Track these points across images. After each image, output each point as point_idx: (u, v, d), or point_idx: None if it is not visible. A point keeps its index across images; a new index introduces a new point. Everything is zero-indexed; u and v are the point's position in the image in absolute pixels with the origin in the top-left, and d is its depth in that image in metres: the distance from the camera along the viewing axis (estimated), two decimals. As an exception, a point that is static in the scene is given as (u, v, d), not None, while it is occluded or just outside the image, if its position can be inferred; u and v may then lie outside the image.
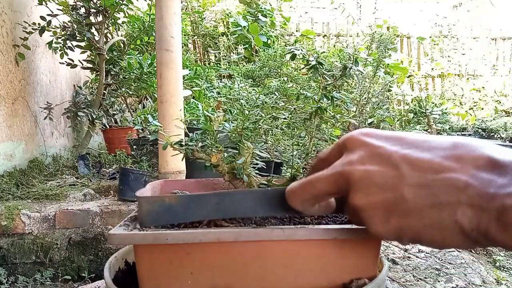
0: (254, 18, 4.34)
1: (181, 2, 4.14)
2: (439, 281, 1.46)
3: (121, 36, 3.38)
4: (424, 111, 3.33)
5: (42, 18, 2.68)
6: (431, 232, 0.33)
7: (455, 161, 0.33)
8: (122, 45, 3.29)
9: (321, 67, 0.60)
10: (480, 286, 1.44)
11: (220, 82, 3.36)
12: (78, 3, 2.79)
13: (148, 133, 2.59)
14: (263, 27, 4.32)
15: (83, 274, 1.90)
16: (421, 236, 0.34)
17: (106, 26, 2.97)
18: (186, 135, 0.66)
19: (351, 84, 2.48)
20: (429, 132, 2.83)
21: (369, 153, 0.36)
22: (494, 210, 0.30)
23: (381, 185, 0.34)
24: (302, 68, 2.97)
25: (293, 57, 0.60)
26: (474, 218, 0.31)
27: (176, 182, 0.70)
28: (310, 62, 0.60)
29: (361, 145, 0.37)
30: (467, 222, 0.31)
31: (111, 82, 3.20)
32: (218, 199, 0.45)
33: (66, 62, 2.97)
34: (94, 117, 3.07)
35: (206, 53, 5.25)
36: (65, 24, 2.80)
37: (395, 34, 5.89)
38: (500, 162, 0.32)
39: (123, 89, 3.26)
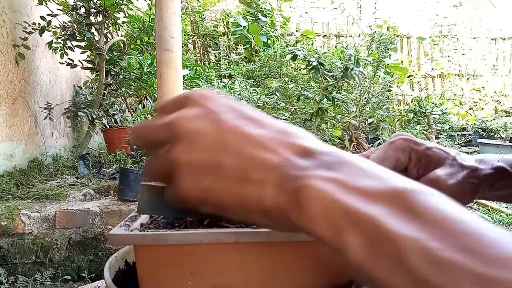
0: (254, 18, 4.34)
1: (181, 2, 4.14)
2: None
3: (121, 36, 3.38)
4: (424, 111, 3.33)
5: (42, 18, 2.68)
6: (235, 202, 0.34)
7: (276, 143, 0.35)
8: (122, 45, 3.29)
9: (322, 68, 0.60)
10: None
11: (220, 82, 3.36)
12: (78, 3, 2.79)
13: (148, 133, 2.59)
14: (263, 27, 4.32)
15: (83, 274, 1.90)
16: (225, 205, 0.35)
17: (106, 26, 2.97)
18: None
19: (352, 84, 2.48)
20: (429, 132, 2.84)
21: (203, 114, 0.37)
22: (291, 190, 0.32)
23: (205, 145, 0.35)
24: (303, 69, 2.96)
25: (294, 57, 0.60)
26: (275, 198, 0.32)
27: None
28: (311, 63, 0.59)
29: (199, 105, 0.37)
30: (269, 200, 0.33)
31: (111, 82, 3.20)
32: None
33: (66, 62, 2.97)
34: (94, 117, 3.07)
35: (206, 53, 5.25)
36: (65, 24, 2.80)
37: (395, 34, 5.89)
38: (309, 149, 0.34)
39: (123, 89, 3.26)
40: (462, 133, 5.29)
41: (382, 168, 0.34)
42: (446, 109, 4.60)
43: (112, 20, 3.03)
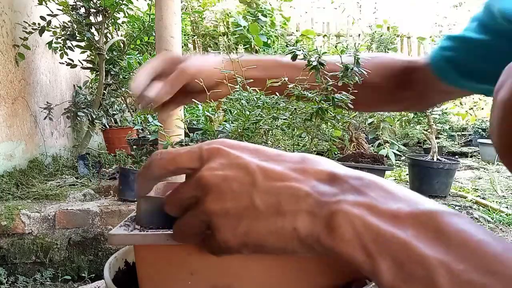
0: (254, 18, 4.34)
1: (181, 2, 4.14)
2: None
3: (121, 36, 3.38)
4: (424, 111, 3.33)
5: (42, 18, 2.68)
6: (274, 238, 0.35)
7: (300, 173, 0.36)
8: (122, 45, 3.29)
9: (322, 68, 0.60)
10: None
11: (220, 82, 3.36)
12: (78, 3, 2.79)
13: (148, 133, 2.59)
14: (263, 27, 4.32)
15: (83, 274, 1.90)
16: (265, 243, 0.35)
17: (106, 26, 2.97)
18: (186, 135, 0.66)
19: (351, 84, 2.48)
20: (429, 132, 2.83)
21: (227, 162, 0.38)
22: (324, 216, 0.33)
23: (236, 191, 0.36)
24: (303, 69, 2.96)
25: (295, 57, 0.60)
26: (309, 225, 0.34)
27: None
28: (311, 63, 0.60)
29: (220, 155, 0.38)
30: (303, 228, 0.34)
31: (111, 82, 3.20)
32: None
33: (66, 62, 2.97)
34: (94, 117, 3.07)
35: (206, 53, 5.25)
36: (65, 24, 2.80)
37: (395, 34, 5.90)
38: (336, 175, 0.36)
39: (123, 89, 3.26)
40: (462, 133, 5.29)
41: (408, 190, 0.35)
42: (446, 109, 4.60)
43: (112, 20, 3.03)
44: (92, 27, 2.89)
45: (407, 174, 3.11)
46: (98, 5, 2.80)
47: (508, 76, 0.45)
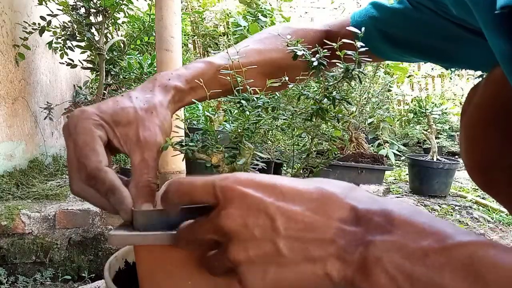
0: (254, 18, 4.34)
1: (181, 2, 4.14)
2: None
3: (121, 36, 3.38)
4: (424, 111, 3.33)
5: (42, 18, 2.68)
6: (306, 284, 0.35)
7: (322, 215, 0.36)
8: (122, 45, 3.29)
9: (323, 68, 0.60)
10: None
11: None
12: (78, 3, 2.79)
13: (148, 133, 2.59)
14: (263, 27, 4.31)
15: (83, 274, 1.90)
16: (296, 287, 0.35)
17: (106, 26, 2.97)
18: (186, 135, 0.66)
19: (352, 84, 2.48)
20: (429, 132, 2.83)
21: (246, 206, 0.36)
22: (356, 262, 0.33)
23: (259, 239, 0.35)
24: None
25: (295, 57, 0.60)
26: (341, 270, 0.34)
27: None
28: (312, 63, 0.60)
29: (239, 196, 0.37)
30: (336, 273, 0.34)
31: (111, 82, 3.20)
32: None
33: (66, 62, 2.97)
34: (94, 117, 3.07)
35: (206, 53, 5.25)
36: (65, 24, 2.80)
37: (395, 34, 5.89)
38: (359, 212, 0.36)
39: (123, 89, 3.26)
40: (462, 133, 5.29)
41: (432, 217, 0.34)
42: (446, 109, 4.60)
43: (112, 20, 3.03)
44: (92, 27, 2.89)
45: (406, 174, 3.11)
46: (98, 5, 2.80)
47: (469, 102, 0.47)
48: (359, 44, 0.54)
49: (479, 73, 7.01)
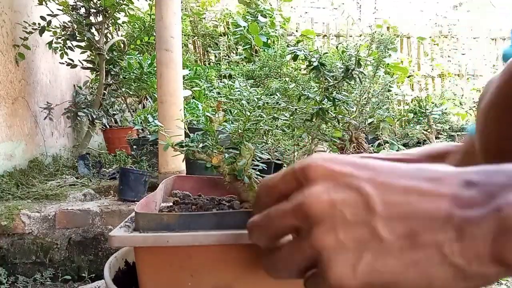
0: (253, 18, 4.34)
1: (181, 2, 4.14)
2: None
3: (121, 36, 3.38)
4: (424, 111, 3.33)
5: (42, 18, 2.68)
6: (414, 274, 0.28)
7: (429, 187, 0.29)
8: (122, 45, 3.29)
9: (323, 68, 0.60)
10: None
11: (220, 82, 3.36)
12: (78, 3, 2.79)
13: (148, 133, 2.59)
14: (263, 27, 4.31)
15: (83, 274, 1.89)
16: (400, 280, 0.28)
17: (106, 26, 2.97)
18: (186, 135, 0.66)
19: (352, 84, 2.48)
20: (429, 132, 2.83)
21: (332, 184, 0.30)
22: (491, 230, 0.26)
23: (350, 218, 0.29)
24: (304, 69, 2.96)
25: (295, 57, 0.60)
26: (469, 248, 0.27)
27: (190, 179, 0.70)
28: (312, 63, 0.59)
29: (324, 172, 0.31)
30: (459, 256, 0.27)
31: (111, 82, 3.20)
32: (218, 219, 0.45)
33: (66, 62, 2.97)
34: (94, 117, 3.07)
35: (206, 53, 5.25)
36: (65, 24, 2.80)
37: (395, 34, 5.89)
38: (474, 178, 0.29)
39: (123, 89, 3.26)
40: (462, 133, 5.29)
41: None
42: (446, 109, 4.60)
43: (112, 20, 3.03)
44: (92, 27, 2.89)
45: (407, 174, 3.10)
46: (98, 5, 2.80)
47: (488, 89, 0.44)
48: None
49: (479, 73, 6.99)
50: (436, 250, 0.27)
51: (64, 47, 2.88)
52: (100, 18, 2.91)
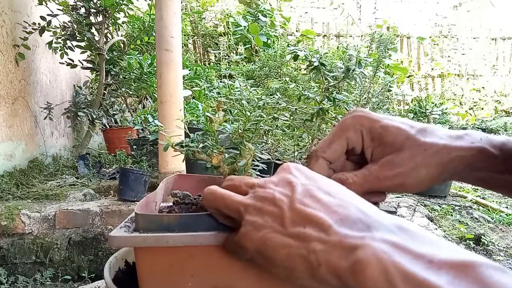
0: (254, 18, 4.34)
1: (181, 2, 4.14)
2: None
3: (121, 36, 3.38)
4: (424, 111, 3.33)
5: (42, 18, 2.68)
6: (285, 254, 0.35)
7: (340, 200, 0.37)
8: (122, 45, 3.29)
9: (324, 68, 0.60)
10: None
11: (220, 82, 3.36)
12: (78, 3, 2.79)
13: (148, 133, 2.59)
14: (263, 27, 4.31)
15: (83, 274, 1.89)
16: (276, 256, 0.35)
17: (106, 26, 2.97)
18: (186, 135, 0.66)
19: (352, 84, 2.48)
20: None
21: (280, 177, 0.41)
22: (347, 248, 0.32)
23: (276, 199, 0.38)
24: (304, 69, 2.96)
25: (296, 57, 0.60)
26: (326, 255, 0.33)
27: (191, 178, 0.69)
28: (312, 63, 0.59)
29: (280, 172, 0.42)
30: (320, 254, 0.33)
31: (111, 82, 3.20)
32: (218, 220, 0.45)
33: (66, 62, 2.97)
34: (94, 117, 3.07)
35: (206, 53, 5.25)
36: (65, 24, 2.80)
37: (395, 34, 5.90)
38: (369, 218, 0.35)
39: (123, 89, 3.26)
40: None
41: (443, 239, 0.33)
42: (446, 109, 4.60)
43: (112, 20, 3.03)
44: (92, 27, 2.89)
45: (407, 174, 3.10)
46: (98, 5, 2.80)
47: None
48: None
49: (479, 73, 6.99)
50: (308, 243, 0.34)
51: (64, 47, 2.88)
52: (100, 18, 2.91)
